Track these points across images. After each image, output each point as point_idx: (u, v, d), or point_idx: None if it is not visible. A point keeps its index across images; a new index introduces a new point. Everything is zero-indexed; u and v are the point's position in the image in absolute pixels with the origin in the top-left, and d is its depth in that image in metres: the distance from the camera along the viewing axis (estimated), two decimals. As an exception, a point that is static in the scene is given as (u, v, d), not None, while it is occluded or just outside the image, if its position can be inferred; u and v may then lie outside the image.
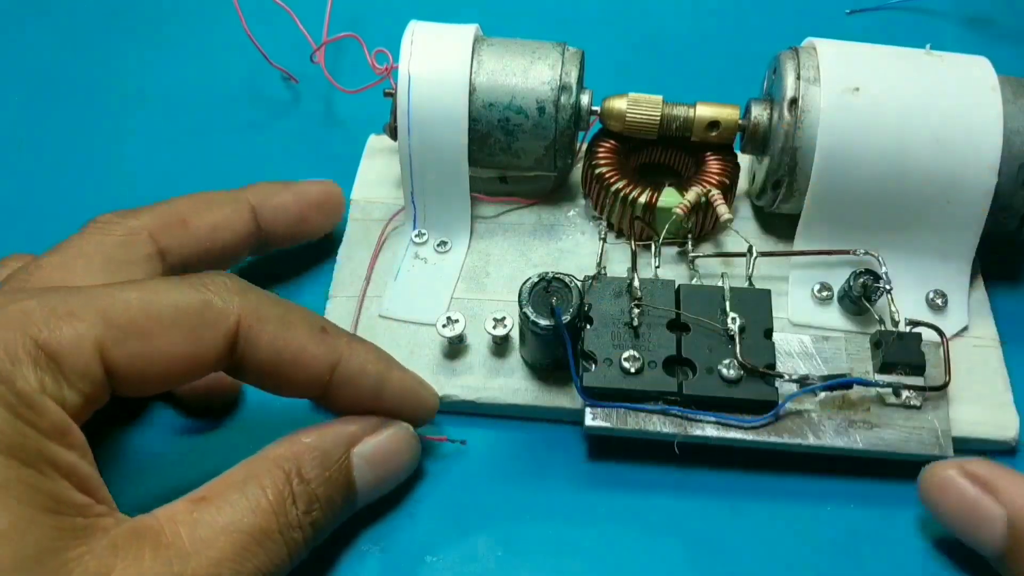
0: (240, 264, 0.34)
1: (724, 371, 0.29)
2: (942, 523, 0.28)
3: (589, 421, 0.29)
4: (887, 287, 0.31)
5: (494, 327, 0.32)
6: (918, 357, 0.30)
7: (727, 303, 0.30)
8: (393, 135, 0.35)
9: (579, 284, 0.30)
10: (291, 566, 0.25)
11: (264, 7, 0.39)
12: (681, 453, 0.29)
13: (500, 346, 0.33)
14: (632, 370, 0.29)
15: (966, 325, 0.32)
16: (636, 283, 0.30)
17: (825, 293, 0.33)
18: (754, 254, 0.32)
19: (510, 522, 0.29)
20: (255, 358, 0.25)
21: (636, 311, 0.30)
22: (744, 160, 0.36)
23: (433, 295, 0.34)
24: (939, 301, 0.32)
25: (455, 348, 0.33)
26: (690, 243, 0.33)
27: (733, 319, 0.30)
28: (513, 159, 0.35)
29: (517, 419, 0.32)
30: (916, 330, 0.30)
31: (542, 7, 0.47)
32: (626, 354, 0.30)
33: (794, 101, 0.32)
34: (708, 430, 0.29)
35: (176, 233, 0.30)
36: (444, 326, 0.32)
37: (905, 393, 0.30)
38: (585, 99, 0.34)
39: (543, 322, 0.29)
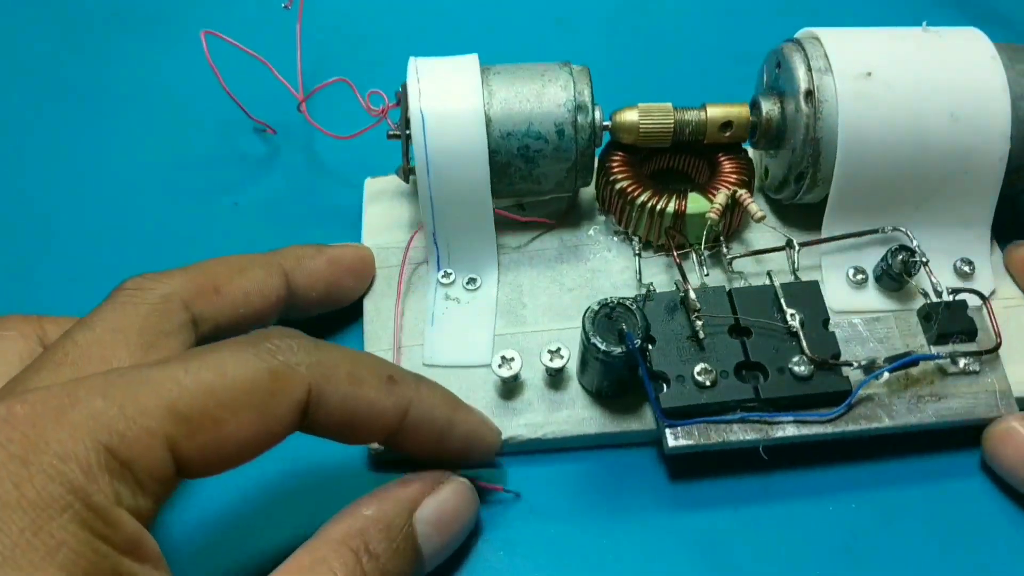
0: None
1: (795, 368, 0.29)
2: (1006, 477, 0.29)
3: (672, 442, 0.29)
4: (923, 259, 0.32)
5: (551, 359, 0.31)
6: (969, 323, 0.31)
7: (782, 300, 0.31)
8: (406, 177, 0.33)
9: (641, 306, 0.29)
10: None
11: (237, 60, 0.37)
12: (756, 457, 0.29)
13: (555, 378, 0.32)
14: (707, 383, 0.29)
15: (994, 288, 0.33)
16: (692, 295, 0.30)
17: (860, 276, 0.33)
18: (795, 247, 0.32)
19: (606, 556, 0.29)
20: (325, 420, 0.24)
21: (699, 323, 0.30)
22: (751, 156, 0.36)
23: (474, 335, 0.33)
24: (967, 268, 0.33)
25: (510, 386, 0.32)
26: (724, 245, 0.33)
27: (792, 315, 0.30)
28: (534, 185, 0.34)
29: (584, 449, 0.31)
30: (959, 297, 0.31)
31: (516, 27, 0.46)
32: (698, 368, 0.29)
33: (810, 92, 0.32)
34: (789, 430, 0.29)
35: (209, 300, 0.28)
36: (500, 366, 0.31)
37: (963, 360, 0.30)
38: (598, 115, 0.33)
39: (616, 350, 0.28)
